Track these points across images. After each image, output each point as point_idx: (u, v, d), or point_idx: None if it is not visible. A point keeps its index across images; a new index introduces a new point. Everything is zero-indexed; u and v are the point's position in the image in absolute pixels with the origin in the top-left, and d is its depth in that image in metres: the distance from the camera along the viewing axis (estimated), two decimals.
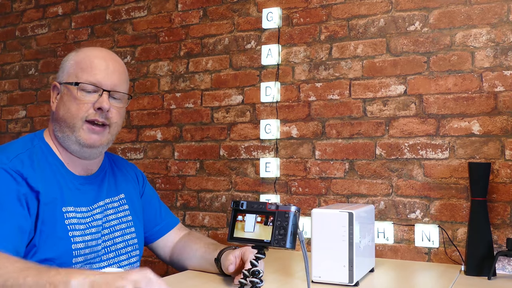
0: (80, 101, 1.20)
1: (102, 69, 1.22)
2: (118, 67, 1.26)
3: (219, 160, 2.11)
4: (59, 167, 1.23)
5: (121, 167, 1.43)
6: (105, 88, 1.21)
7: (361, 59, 1.86)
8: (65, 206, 1.19)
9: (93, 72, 1.21)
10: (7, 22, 2.76)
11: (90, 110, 1.20)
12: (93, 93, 1.21)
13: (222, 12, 2.15)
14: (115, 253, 1.29)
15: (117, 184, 1.37)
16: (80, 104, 1.20)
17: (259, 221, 1.01)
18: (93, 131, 1.21)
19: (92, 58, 1.23)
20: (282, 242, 0.97)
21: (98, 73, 1.21)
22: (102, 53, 1.26)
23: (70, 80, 1.22)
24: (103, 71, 1.22)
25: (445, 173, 1.70)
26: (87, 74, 1.21)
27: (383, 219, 1.78)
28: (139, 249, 1.37)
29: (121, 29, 2.39)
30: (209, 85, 2.16)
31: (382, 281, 1.43)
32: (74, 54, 1.26)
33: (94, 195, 1.28)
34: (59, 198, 1.18)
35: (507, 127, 1.63)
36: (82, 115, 1.19)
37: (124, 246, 1.32)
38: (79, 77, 1.21)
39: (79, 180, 1.26)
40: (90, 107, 1.20)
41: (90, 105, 1.20)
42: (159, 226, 1.47)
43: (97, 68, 1.22)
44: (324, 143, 1.91)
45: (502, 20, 1.66)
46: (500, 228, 1.62)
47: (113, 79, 1.23)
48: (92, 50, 1.27)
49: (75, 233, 1.18)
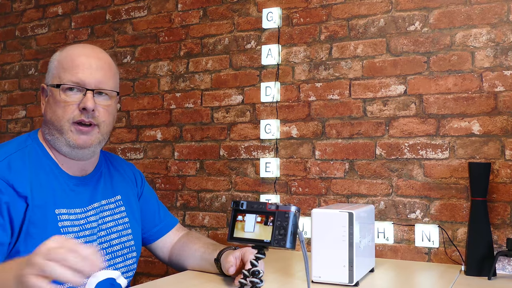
0: (65, 103, 1.17)
1: (85, 67, 1.18)
2: (101, 63, 1.21)
3: (219, 160, 2.11)
4: (52, 168, 1.20)
5: (118, 167, 1.41)
6: (89, 87, 1.18)
7: (361, 59, 1.86)
8: (58, 208, 1.16)
9: (75, 71, 1.17)
10: (7, 22, 2.76)
11: (75, 112, 1.17)
12: (77, 93, 1.18)
13: (222, 12, 2.15)
14: (112, 255, 1.27)
15: (114, 185, 1.34)
16: (66, 106, 1.17)
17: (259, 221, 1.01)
18: (81, 132, 1.18)
19: (74, 57, 1.19)
20: (282, 242, 0.97)
21: (80, 71, 1.17)
22: (85, 50, 1.22)
23: (54, 82, 1.19)
24: (85, 70, 1.18)
25: (445, 173, 1.70)
26: (69, 74, 1.17)
27: (383, 219, 1.78)
28: (136, 251, 1.35)
29: (121, 29, 2.39)
30: (209, 85, 2.16)
31: (382, 281, 1.43)
32: (58, 53, 1.23)
33: (88, 197, 1.26)
34: (52, 200, 1.16)
35: (507, 127, 1.63)
36: (68, 117, 1.17)
37: (121, 248, 1.30)
38: (62, 78, 1.18)
39: (73, 181, 1.23)
40: (75, 108, 1.17)
41: (75, 106, 1.17)
42: (158, 227, 1.46)
43: (79, 67, 1.18)
44: (324, 143, 1.90)
45: (502, 20, 1.66)
46: (500, 228, 1.62)
47: (97, 76, 1.19)
48: (75, 48, 1.22)
49: (69, 236, 1.16)
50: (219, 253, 1.32)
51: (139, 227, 1.40)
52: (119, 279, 1.29)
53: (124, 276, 1.31)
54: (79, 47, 1.24)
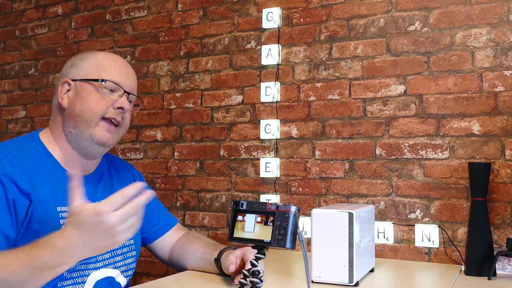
0: (103, 98, 1.22)
1: (123, 72, 1.27)
2: (134, 74, 1.33)
3: (219, 160, 2.11)
4: (54, 167, 1.22)
5: (118, 168, 1.42)
6: (127, 89, 1.26)
7: (361, 59, 1.86)
8: (60, 206, 1.18)
9: (116, 72, 1.26)
10: (7, 22, 2.76)
11: (109, 108, 1.23)
12: (112, 93, 1.24)
13: (222, 12, 2.15)
14: (111, 253, 1.27)
15: (113, 186, 1.35)
16: (101, 100, 1.22)
17: (259, 221, 1.01)
18: (108, 130, 1.23)
19: (113, 61, 1.28)
20: (282, 242, 0.97)
21: (121, 74, 1.26)
22: (120, 58, 1.32)
23: (92, 77, 1.24)
24: (124, 74, 1.27)
25: (445, 173, 1.70)
26: (110, 74, 1.24)
27: (383, 219, 1.78)
28: (135, 250, 1.36)
29: (121, 29, 2.39)
30: (209, 85, 2.16)
31: (382, 281, 1.43)
32: (92, 55, 1.30)
33: (89, 196, 1.24)
34: (53, 198, 1.17)
35: (507, 127, 1.63)
36: (101, 111, 1.22)
37: (120, 247, 1.30)
38: (102, 75, 1.24)
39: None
40: (110, 106, 1.23)
41: (110, 103, 1.23)
42: (157, 227, 1.46)
43: (120, 70, 1.27)
44: (324, 143, 1.90)
45: (502, 20, 1.66)
46: (500, 228, 1.62)
47: (131, 83, 1.29)
48: (110, 54, 1.32)
49: None
50: (219, 253, 1.33)
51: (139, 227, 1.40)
52: (118, 278, 1.29)
53: (124, 275, 1.31)
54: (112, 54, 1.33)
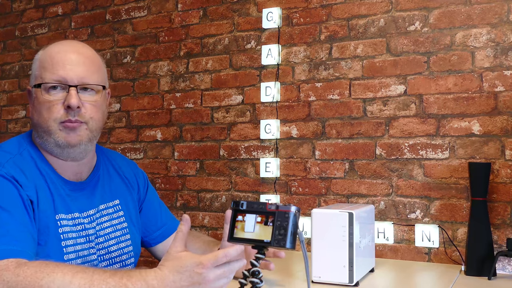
0: (49, 103, 1.11)
1: (65, 63, 1.12)
2: (82, 58, 1.15)
3: (219, 160, 2.11)
4: (49, 173, 1.16)
5: (118, 168, 1.36)
6: (71, 83, 1.12)
7: (361, 59, 1.86)
8: (58, 214, 1.13)
9: (55, 68, 1.11)
10: (7, 22, 2.76)
11: (61, 111, 1.11)
12: (61, 91, 1.12)
13: (222, 12, 2.15)
14: (109, 261, 1.24)
15: (112, 189, 1.30)
16: (50, 106, 1.11)
17: (259, 221, 1.00)
18: (69, 129, 1.12)
19: (53, 54, 1.13)
20: (282, 242, 0.97)
21: (60, 68, 1.11)
22: (64, 46, 1.16)
23: (36, 82, 1.15)
24: (66, 66, 1.12)
25: (445, 173, 1.70)
26: (50, 72, 1.12)
27: (383, 219, 1.78)
28: (134, 257, 1.32)
29: (121, 29, 2.39)
30: (209, 85, 2.16)
31: (382, 281, 1.43)
32: (40, 53, 1.19)
33: (85, 202, 1.21)
34: (52, 206, 1.13)
35: (507, 127, 1.63)
36: (54, 117, 1.11)
37: (119, 254, 1.27)
38: (43, 77, 1.12)
39: (69, 186, 1.19)
40: (61, 107, 1.11)
41: (60, 104, 1.11)
42: (159, 231, 1.42)
43: (58, 64, 1.12)
44: (324, 143, 1.90)
45: (502, 20, 1.66)
46: (500, 228, 1.62)
47: (79, 71, 1.12)
48: (54, 46, 1.17)
49: (68, 242, 1.13)
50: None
51: (138, 232, 1.35)
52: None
53: None
54: (59, 44, 1.17)
